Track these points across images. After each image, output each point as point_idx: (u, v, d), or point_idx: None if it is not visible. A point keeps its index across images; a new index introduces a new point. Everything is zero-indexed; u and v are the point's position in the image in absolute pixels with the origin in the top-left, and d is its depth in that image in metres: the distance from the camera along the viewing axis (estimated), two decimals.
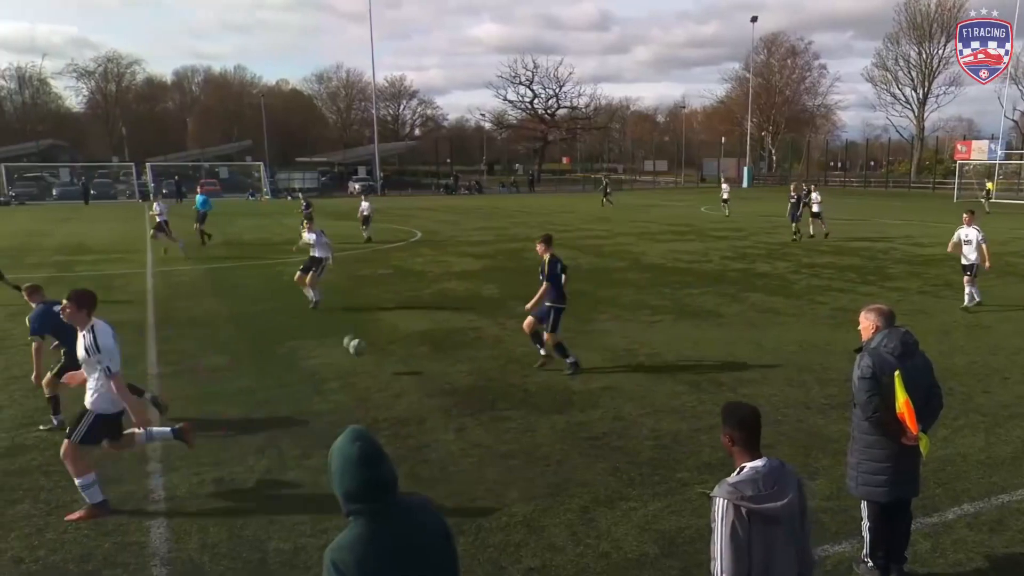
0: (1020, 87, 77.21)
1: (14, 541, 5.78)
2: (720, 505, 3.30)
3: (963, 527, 5.84)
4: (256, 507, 6.31)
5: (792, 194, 27.95)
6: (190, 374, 10.32)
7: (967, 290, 14.34)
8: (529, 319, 10.39)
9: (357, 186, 70.57)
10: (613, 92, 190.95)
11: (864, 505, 5.22)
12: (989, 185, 45.55)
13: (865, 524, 5.23)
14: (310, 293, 14.89)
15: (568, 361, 10.14)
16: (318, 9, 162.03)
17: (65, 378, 7.18)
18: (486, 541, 5.73)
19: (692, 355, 11.00)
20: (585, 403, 8.89)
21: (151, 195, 60.93)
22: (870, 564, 5.19)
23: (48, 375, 8.12)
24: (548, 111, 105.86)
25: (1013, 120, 77.43)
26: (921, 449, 4.85)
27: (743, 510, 3.26)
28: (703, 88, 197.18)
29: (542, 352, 10.40)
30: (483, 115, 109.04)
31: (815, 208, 27.03)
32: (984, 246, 14.17)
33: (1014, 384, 9.45)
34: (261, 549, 5.65)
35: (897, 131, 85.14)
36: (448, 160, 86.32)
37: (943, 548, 5.54)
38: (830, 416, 8.27)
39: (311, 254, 15.24)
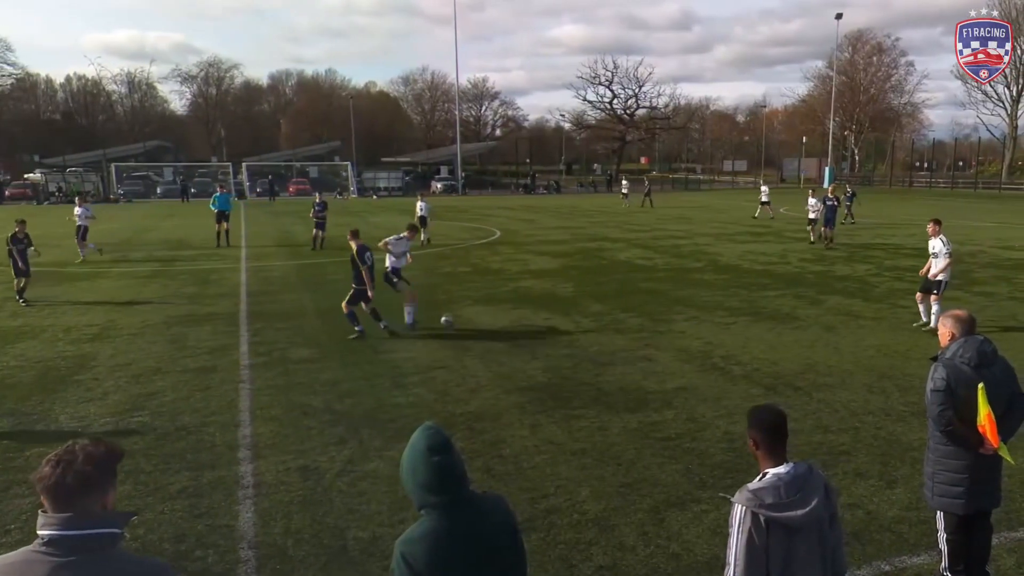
0: None
1: None
2: (738, 511, 3.17)
3: None
4: (337, 496, 6.47)
5: (831, 196, 25.23)
6: (279, 364, 10.64)
7: (934, 308, 12.14)
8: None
9: (439, 185, 71.51)
10: (693, 92, 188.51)
11: (940, 516, 4.99)
12: None
13: (942, 536, 5.00)
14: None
15: (356, 328, 12.12)
16: (406, 13, 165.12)
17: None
18: (557, 538, 5.72)
19: (768, 358, 10.73)
20: (659, 403, 8.78)
21: (246, 193, 63.24)
22: None
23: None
24: (627, 111, 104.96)
25: None
26: (1005, 458, 4.62)
27: (761, 518, 3.12)
28: (784, 87, 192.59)
29: (383, 326, 12.30)
30: (562, 115, 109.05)
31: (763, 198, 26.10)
32: (949, 259, 12.21)
33: None
34: (341, 537, 5.79)
35: (988, 130, 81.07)
36: (527, 160, 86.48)
37: None
38: (910, 424, 7.94)
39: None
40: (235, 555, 5.55)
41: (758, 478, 3.26)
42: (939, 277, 12.24)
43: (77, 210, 23.13)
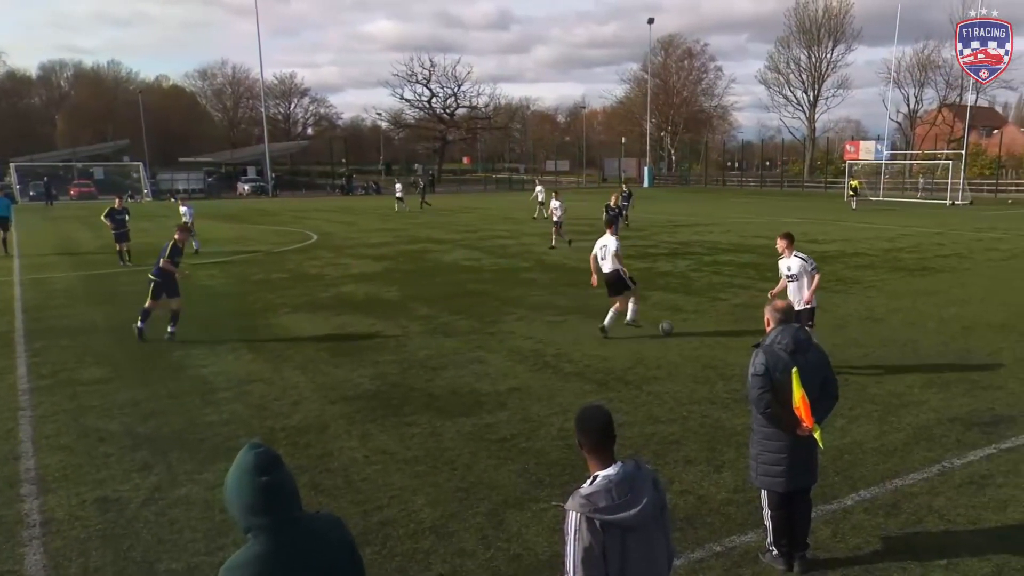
0: (902, 90, 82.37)
1: None
2: (573, 518, 3.24)
3: (860, 512, 6.17)
4: (144, 527, 6.05)
5: (624, 190, 28.55)
6: (67, 387, 9.80)
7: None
8: None
9: (247, 187, 68.70)
10: (513, 92, 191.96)
11: (764, 495, 5.47)
12: (854, 183, 48.21)
13: (767, 513, 5.48)
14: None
15: (137, 326, 12.36)
16: (200, 2, 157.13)
17: None
18: (394, 550, 5.68)
19: (599, 354, 11.20)
20: (492, 405, 8.93)
21: (16, 197, 57.70)
22: (774, 552, 5.43)
23: None
24: (447, 110, 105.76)
25: (897, 122, 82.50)
26: (817, 440, 5.12)
27: (596, 522, 3.21)
28: (603, 88, 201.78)
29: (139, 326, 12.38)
30: (379, 114, 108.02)
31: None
32: (816, 276, 10.32)
33: (905, 374, 10.04)
34: (151, 571, 5.42)
35: (790, 132, 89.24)
36: (343, 160, 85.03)
37: (843, 533, 5.83)
38: (734, 410, 8.58)
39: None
40: None
41: (588, 482, 3.33)
42: (811, 304, 10.31)
43: (183, 209, 22.67)
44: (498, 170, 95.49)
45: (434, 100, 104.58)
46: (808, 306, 10.21)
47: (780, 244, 10.64)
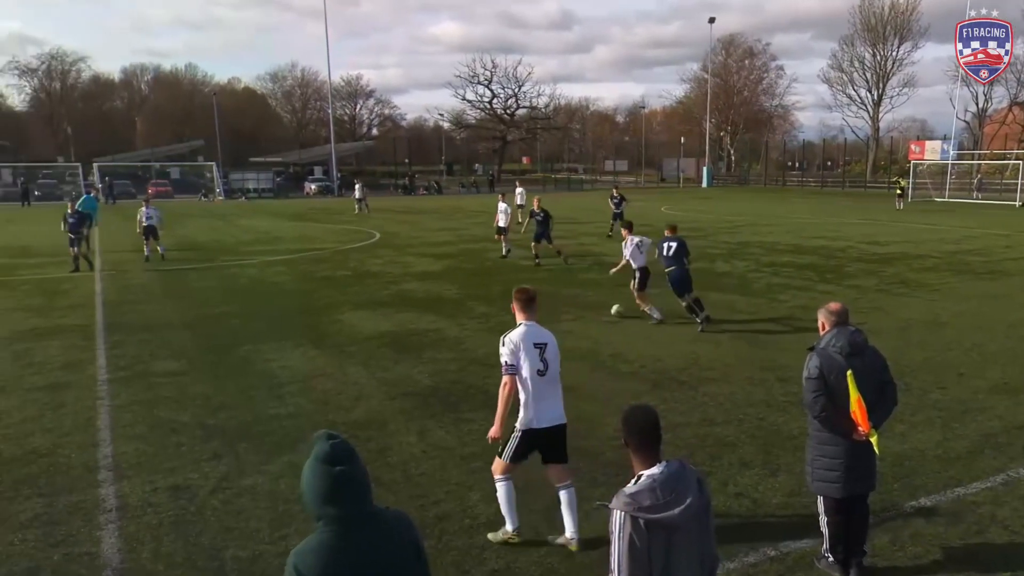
0: (971, 89, 79.51)
1: None
2: (617, 517, 3.24)
3: (920, 521, 5.99)
4: (212, 515, 6.22)
5: (616, 194, 29.43)
6: (143, 379, 10.12)
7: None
8: None
9: (314, 187, 69.93)
10: (573, 92, 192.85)
11: (820, 500, 5.34)
12: (902, 183, 46.70)
13: (823, 519, 5.35)
14: (652, 312, 13.51)
15: None
16: (272, 6, 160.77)
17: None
18: (449, 544, 5.72)
19: (653, 354, 11.09)
20: None
21: (101, 196, 59.89)
22: (830, 559, 5.30)
23: None
24: (507, 111, 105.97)
25: (964, 121, 79.69)
26: (873, 445, 4.98)
27: (641, 521, 3.20)
28: (662, 88, 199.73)
29: None
30: (441, 115, 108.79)
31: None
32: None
33: (969, 379, 9.71)
34: (218, 557, 5.57)
35: (853, 131, 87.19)
36: (406, 160, 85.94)
37: (901, 541, 5.67)
38: (791, 413, 8.40)
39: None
40: None
41: (633, 481, 3.32)
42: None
43: (144, 211, 22.90)
44: (557, 170, 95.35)
45: (495, 101, 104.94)
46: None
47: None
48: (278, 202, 58.02)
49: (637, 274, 13.69)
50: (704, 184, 78.51)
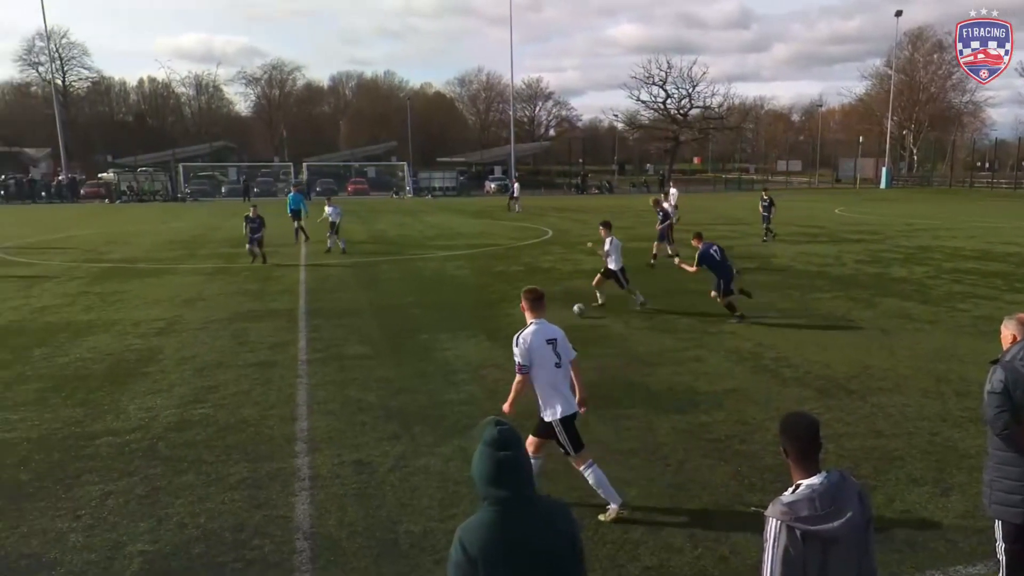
0: None
1: (180, 507, 6.26)
2: (773, 525, 3.07)
3: None
4: (390, 490, 6.55)
5: (765, 197, 27.51)
6: (336, 361, 10.81)
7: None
8: None
9: (493, 185, 71.68)
10: (747, 91, 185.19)
11: (998, 525, 4.82)
12: None
13: (1000, 546, 4.82)
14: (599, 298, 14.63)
15: None
16: (462, 14, 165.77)
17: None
18: (604, 537, 5.70)
19: (820, 360, 10.49)
20: (708, 404, 8.67)
21: (307, 193, 64.52)
22: None
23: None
24: (680, 111, 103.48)
25: None
26: None
27: (797, 531, 3.01)
28: (841, 86, 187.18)
29: None
30: (616, 115, 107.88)
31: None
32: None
33: None
34: (393, 530, 5.86)
35: None
36: (580, 160, 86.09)
37: None
38: (968, 430, 7.69)
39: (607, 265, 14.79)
40: (291, 545, 5.66)
41: (791, 490, 3.15)
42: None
43: (328, 209, 24.75)
44: (728, 170, 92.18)
45: (669, 101, 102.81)
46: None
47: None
48: (460, 199, 59.96)
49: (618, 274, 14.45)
50: (882, 185, 73.18)
